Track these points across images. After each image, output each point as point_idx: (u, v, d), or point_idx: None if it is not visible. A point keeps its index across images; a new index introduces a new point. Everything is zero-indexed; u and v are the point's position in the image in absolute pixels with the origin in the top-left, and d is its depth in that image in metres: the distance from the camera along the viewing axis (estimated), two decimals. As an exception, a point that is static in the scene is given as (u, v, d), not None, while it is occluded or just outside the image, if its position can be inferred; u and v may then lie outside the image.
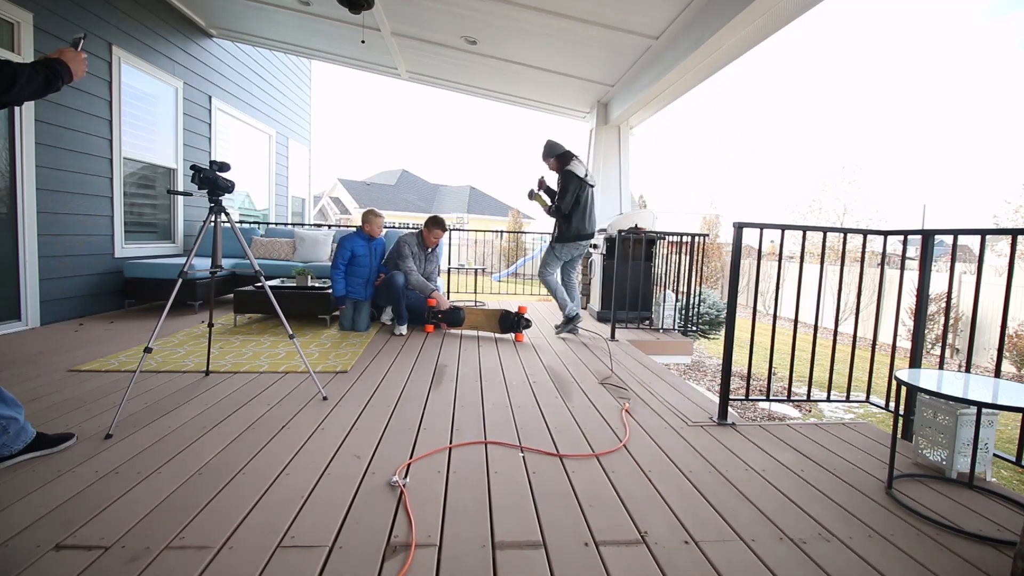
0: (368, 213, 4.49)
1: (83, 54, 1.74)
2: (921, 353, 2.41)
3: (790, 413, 6.30)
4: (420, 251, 4.56)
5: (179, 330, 4.14)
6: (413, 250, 4.47)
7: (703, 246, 5.33)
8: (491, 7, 4.47)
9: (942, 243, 8.82)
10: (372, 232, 4.44)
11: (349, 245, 4.34)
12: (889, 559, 1.44)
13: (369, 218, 4.46)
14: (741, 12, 3.30)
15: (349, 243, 4.35)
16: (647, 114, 6.05)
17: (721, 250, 15.11)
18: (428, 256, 4.67)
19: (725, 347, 2.53)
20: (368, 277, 4.42)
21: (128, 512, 1.51)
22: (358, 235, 4.42)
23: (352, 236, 4.41)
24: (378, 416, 2.40)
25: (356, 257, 4.35)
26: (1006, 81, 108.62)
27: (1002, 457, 2.12)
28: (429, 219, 4.60)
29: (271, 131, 8.18)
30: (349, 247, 4.33)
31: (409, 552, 1.37)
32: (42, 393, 2.53)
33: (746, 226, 2.50)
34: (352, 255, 4.33)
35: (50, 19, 4.00)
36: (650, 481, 1.85)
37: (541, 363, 3.60)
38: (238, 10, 5.73)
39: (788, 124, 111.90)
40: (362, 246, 4.38)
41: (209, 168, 2.68)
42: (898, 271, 10.12)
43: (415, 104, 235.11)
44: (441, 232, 4.60)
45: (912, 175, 55.11)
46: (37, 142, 3.95)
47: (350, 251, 4.33)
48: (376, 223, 4.45)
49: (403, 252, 4.41)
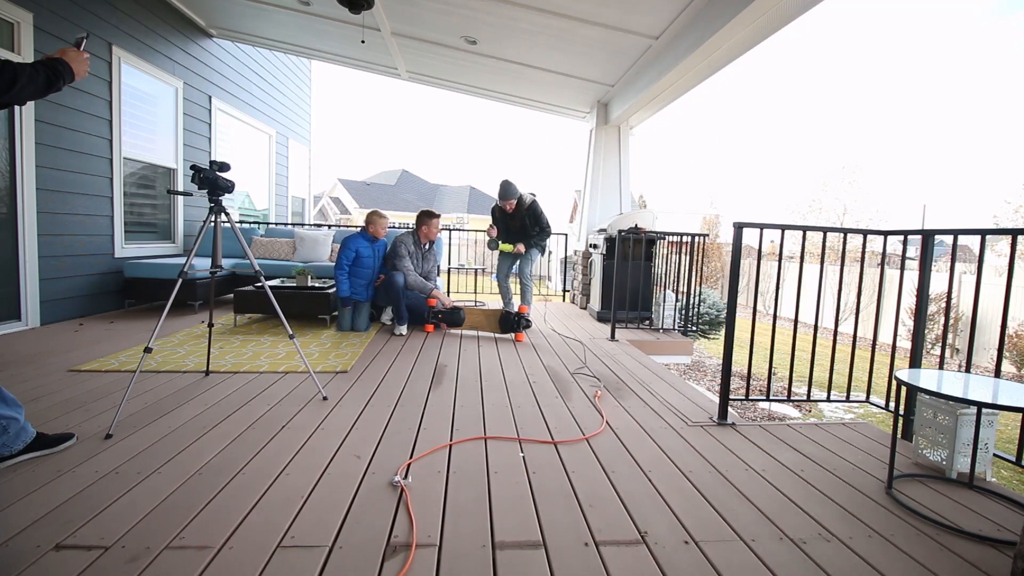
0: (372, 214, 4.48)
1: (85, 54, 1.73)
2: (921, 353, 2.41)
3: (790, 413, 6.30)
4: (417, 249, 4.55)
5: (179, 330, 4.14)
6: (410, 249, 4.47)
7: (703, 246, 5.33)
8: (491, 7, 4.47)
9: (942, 243, 8.82)
10: (376, 233, 4.43)
11: (353, 246, 4.31)
12: (889, 559, 1.44)
13: (373, 219, 4.44)
14: (741, 12, 3.30)
15: (353, 243, 4.32)
16: (647, 114, 6.05)
17: (721, 250, 15.12)
18: (425, 254, 4.66)
19: (725, 347, 2.53)
20: (371, 278, 4.41)
21: (128, 512, 1.51)
22: (362, 236, 4.41)
23: (356, 237, 4.39)
24: (378, 416, 2.40)
25: (360, 258, 4.33)
26: (1006, 81, 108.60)
27: (1002, 457, 2.12)
28: (420, 214, 4.57)
29: (271, 131, 8.18)
30: (353, 247, 4.31)
31: (409, 552, 1.37)
32: (42, 393, 2.53)
33: (746, 226, 2.50)
34: (356, 256, 4.31)
35: (50, 19, 4.00)
36: (650, 481, 1.85)
37: (541, 363, 3.60)
38: (238, 10, 5.73)
39: (788, 124, 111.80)
40: (366, 247, 4.37)
41: (209, 168, 2.68)
42: (898, 271, 10.13)
43: (415, 104, 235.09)
44: (437, 222, 4.58)
45: (912, 175, 55.03)
46: (37, 142, 3.95)
47: (354, 251, 4.30)
48: (380, 224, 4.44)
49: (399, 252, 4.41)
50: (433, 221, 4.54)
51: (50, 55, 1.66)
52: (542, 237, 4.77)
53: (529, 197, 4.76)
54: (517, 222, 4.75)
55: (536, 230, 4.71)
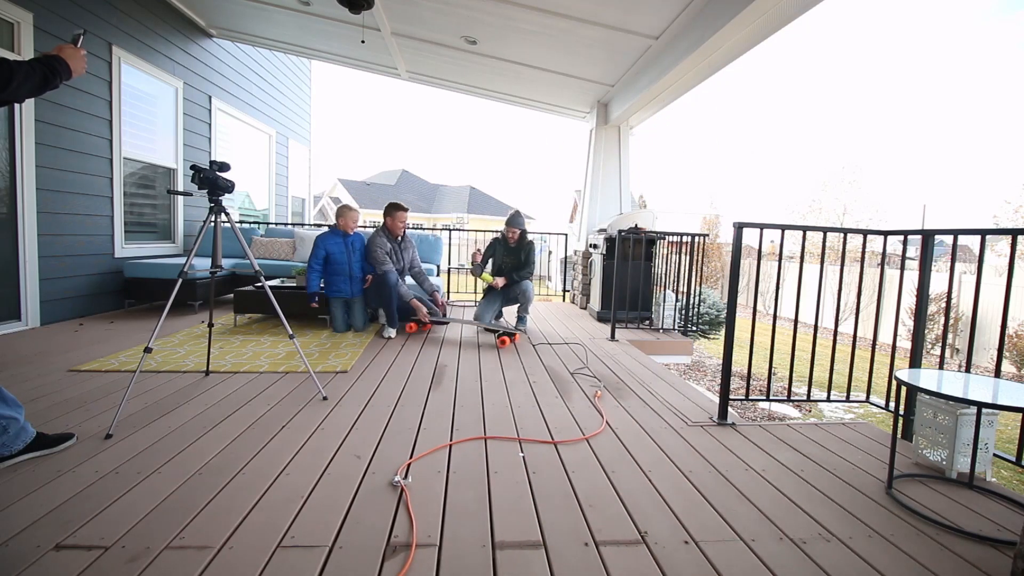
0: (342, 208, 4.41)
1: (83, 51, 1.73)
2: (921, 353, 2.41)
3: (790, 413, 6.30)
4: (393, 244, 4.40)
5: (179, 330, 4.14)
6: (386, 248, 4.32)
7: (703, 246, 5.33)
8: (491, 7, 4.47)
9: (942, 243, 8.82)
10: (346, 227, 4.33)
11: (323, 245, 4.24)
12: (889, 559, 1.44)
13: (343, 212, 4.36)
14: (741, 12, 3.30)
15: (323, 243, 4.24)
16: (647, 114, 6.05)
17: (721, 250, 15.12)
18: (402, 245, 4.51)
19: (725, 347, 2.53)
20: (350, 274, 4.33)
21: (128, 512, 1.51)
22: (332, 233, 4.33)
23: (326, 235, 4.31)
24: (378, 416, 2.40)
25: (332, 255, 4.26)
26: (1007, 81, 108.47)
27: (1002, 457, 2.12)
28: (388, 207, 4.44)
29: (271, 131, 8.18)
30: (323, 247, 4.23)
31: (409, 552, 1.37)
32: (42, 393, 2.53)
33: (746, 226, 2.50)
34: (327, 254, 4.25)
35: (50, 19, 4.00)
36: (650, 481, 1.85)
37: (541, 363, 3.60)
38: (238, 10, 5.72)
39: (788, 124, 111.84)
40: (337, 244, 4.28)
41: (209, 168, 2.68)
42: (898, 271, 10.13)
43: (415, 104, 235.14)
44: (404, 214, 4.45)
45: (912, 175, 55.07)
46: (37, 142, 3.95)
47: (324, 250, 4.23)
48: (350, 217, 4.36)
49: (378, 257, 4.24)
50: (399, 214, 4.41)
51: (47, 52, 1.65)
52: (528, 274, 4.71)
53: (531, 236, 4.82)
54: (512, 258, 4.70)
55: (526, 271, 4.67)
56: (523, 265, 4.69)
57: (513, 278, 4.67)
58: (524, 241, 4.74)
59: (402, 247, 4.55)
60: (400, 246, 4.53)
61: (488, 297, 4.81)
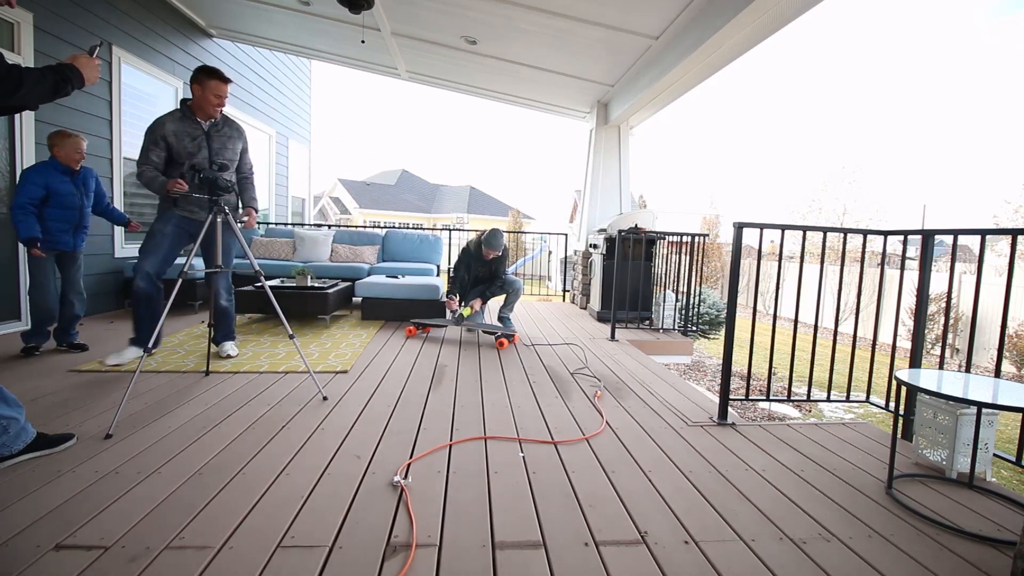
0: (56, 134, 3.22)
1: (97, 60, 1.78)
2: (921, 353, 2.41)
3: (790, 413, 6.30)
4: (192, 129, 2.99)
5: (179, 330, 4.14)
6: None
7: (703, 246, 5.33)
8: (491, 7, 4.47)
9: (942, 243, 8.81)
10: (68, 160, 3.22)
11: (41, 180, 3.12)
12: (889, 559, 1.44)
13: (57, 141, 3.19)
14: (741, 12, 3.30)
15: (40, 177, 3.12)
16: (647, 114, 6.05)
17: (721, 250, 15.12)
18: (216, 133, 3.07)
19: (725, 347, 2.53)
20: (80, 221, 3.34)
21: (128, 512, 1.51)
22: (52, 165, 3.20)
23: (43, 167, 3.18)
24: (378, 416, 2.40)
25: (57, 195, 3.18)
26: (1006, 81, 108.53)
27: (1002, 457, 2.12)
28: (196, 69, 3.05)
29: (271, 131, 8.18)
30: (42, 183, 3.11)
31: (409, 552, 1.37)
32: (42, 393, 2.53)
33: (746, 226, 2.50)
34: (48, 192, 3.14)
35: (50, 19, 4.00)
36: (650, 481, 1.85)
37: (541, 363, 3.60)
38: (238, 10, 5.73)
39: (788, 124, 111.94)
40: (64, 181, 3.22)
41: (209, 168, 2.68)
42: (898, 271, 10.12)
43: (415, 104, 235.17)
44: (72, 142, 3.24)
45: (912, 175, 55.16)
46: (37, 142, 3.95)
47: (43, 188, 3.12)
48: (68, 145, 3.20)
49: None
50: (211, 83, 2.92)
51: (61, 61, 1.69)
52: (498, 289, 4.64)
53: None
54: (486, 269, 4.62)
55: (498, 283, 4.60)
56: (495, 280, 4.61)
57: (486, 295, 4.63)
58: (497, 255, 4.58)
59: (212, 137, 3.02)
60: (208, 134, 3.00)
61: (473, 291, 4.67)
